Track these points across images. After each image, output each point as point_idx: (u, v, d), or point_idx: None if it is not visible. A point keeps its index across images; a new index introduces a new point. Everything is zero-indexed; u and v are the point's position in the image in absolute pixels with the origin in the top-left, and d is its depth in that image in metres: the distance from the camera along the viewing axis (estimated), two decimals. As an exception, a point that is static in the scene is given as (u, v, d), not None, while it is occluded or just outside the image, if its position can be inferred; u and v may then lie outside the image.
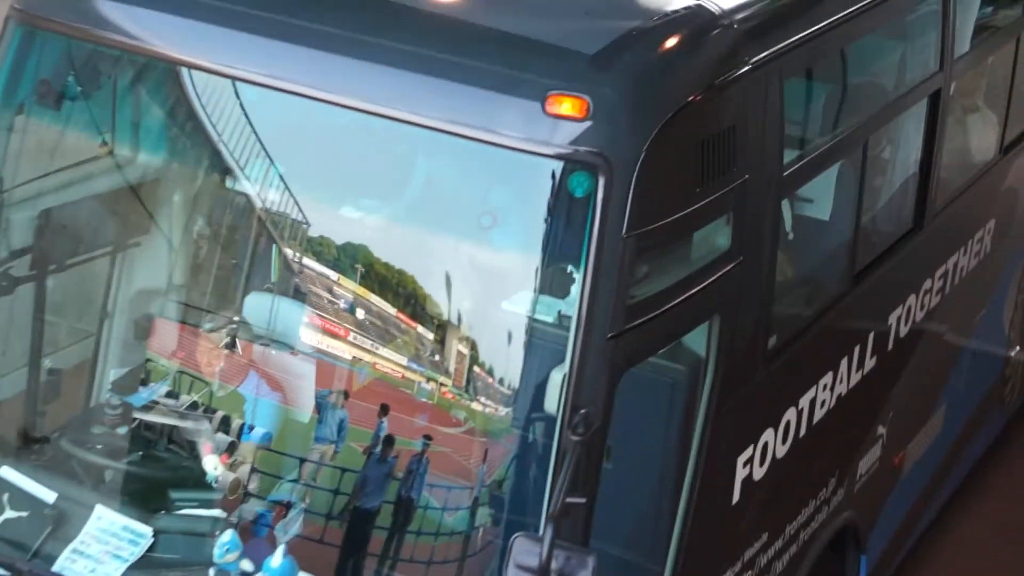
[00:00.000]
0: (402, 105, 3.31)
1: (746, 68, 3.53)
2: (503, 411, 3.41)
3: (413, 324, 3.60)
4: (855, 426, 4.99)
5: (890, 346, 5.07)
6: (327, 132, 3.70)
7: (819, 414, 4.51)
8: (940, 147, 5.08)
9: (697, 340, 3.69)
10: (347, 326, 3.71)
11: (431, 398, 3.58)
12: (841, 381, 4.64)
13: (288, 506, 3.68)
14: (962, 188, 5.66)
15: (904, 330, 5.18)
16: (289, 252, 3.80)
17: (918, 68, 4.96)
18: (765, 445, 4.11)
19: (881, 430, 5.26)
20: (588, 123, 3.15)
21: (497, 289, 3.41)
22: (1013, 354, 7.03)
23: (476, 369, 3.45)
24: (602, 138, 3.16)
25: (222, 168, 3.94)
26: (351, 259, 3.69)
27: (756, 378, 3.93)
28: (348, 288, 3.71)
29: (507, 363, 3.40)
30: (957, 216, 5.54)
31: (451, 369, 3.52)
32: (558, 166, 3.18)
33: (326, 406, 3.78)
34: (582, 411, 3.14)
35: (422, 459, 3.61)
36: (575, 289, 3.18)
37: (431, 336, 3.59)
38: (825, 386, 4.51)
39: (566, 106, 3.14)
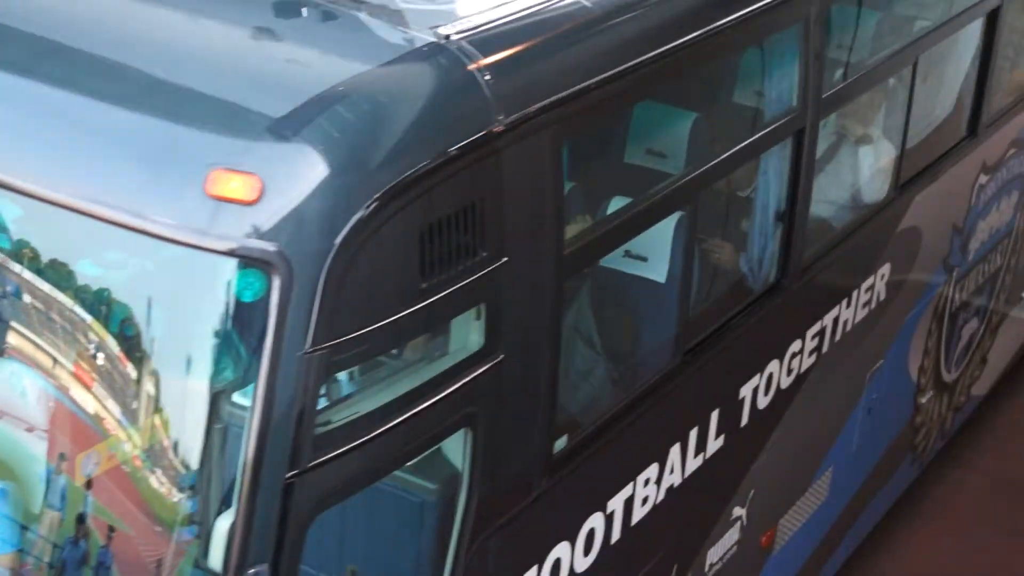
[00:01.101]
0: (34, 179, 2.58)
1: (500, 131, 2.80)
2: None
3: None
4: (698, 515, 4.32)
5: (744, 421, 4.39)
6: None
7: (642, 512, 3.83)
8: (806, 192, 4.38)
9: (455, 449, 3.01)
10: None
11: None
12: (672, 471, 3.95)
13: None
14: (844, 233, 4.96)
15: (764, 400, 4.50)
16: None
17: (776, 106, 4.24)
18: (557, 562, 3.43)
19: (739, 512, 4.60)
20: (260, 208, 2.42)
21: (149, 420, 2.68)
22: (924, 400, 6.36)
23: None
24: (279, 228, 2.43)
25: None
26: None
27: (535, 491, 3.24)
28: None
29: (171, 513, 2.66)
30: (836, 265, 4.84)
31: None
32: (222, 262, 2.45)
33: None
34: (253, 571, 2.46)
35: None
36: (245, 419, 2.48)
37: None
38: (648, 480, 3.83)
39: (233, 186, 2.42)
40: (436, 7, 3.07)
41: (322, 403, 2.56)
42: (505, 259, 2.88)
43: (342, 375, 2.66)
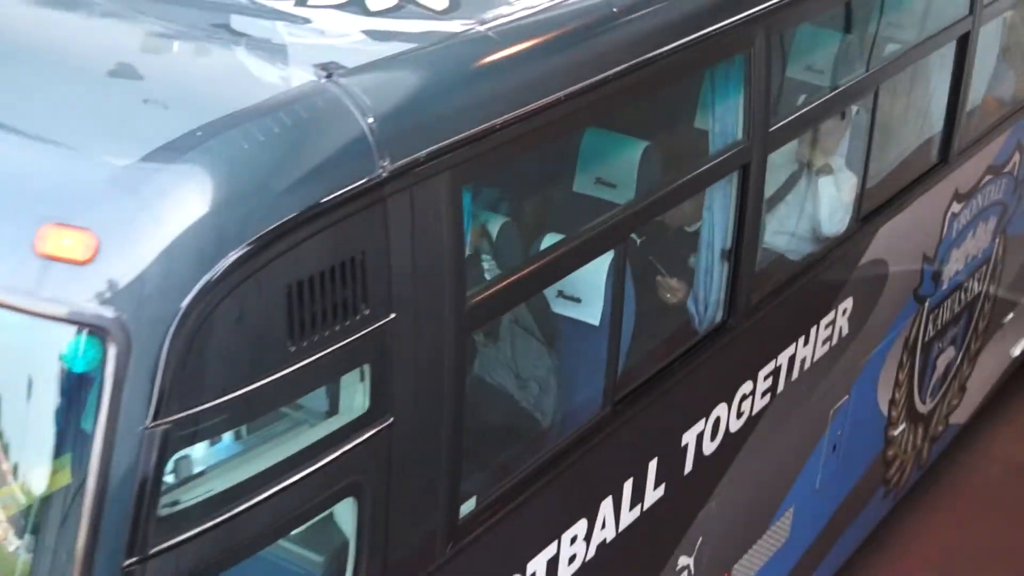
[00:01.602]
0: None
1: (384, 177, 2.55)
2: None
3: None
4: (638, 569, 4.05)
5: (688, 468, 4.12)
6: None
7: (569, 571, 3.57)
8: (753, 228, 4.10)
9: (347, 518, 2.76)
10: None
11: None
12: (604, 526, 3.69)
13: None
14: (800, 268, 4.68)
15: (711, 446, 4.23)
16: None
17: (720, 140, 3.97)
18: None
19: (685, 561, 4.34)
20: (95, 268, 2.17)
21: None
22: (896, 433, 6.09)
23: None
24: (115, 290, 2.17)
25: None
26: None
27: (439, 559, 2.99)
28: None
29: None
30: (791, 302, 4.57)
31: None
32: (53, 328, 2.19)
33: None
34: None
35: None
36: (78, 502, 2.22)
37: None
38: (575, 538, 3.56)
39: (65, 243, 2.16)
40: (325, 41, 2.81)
41: (171, 480, 2.31)
42: (393, 315, 2.63)
43: (197, 448, 2.39)
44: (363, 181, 2.50)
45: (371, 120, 2.54)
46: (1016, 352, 7.48)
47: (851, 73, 4.79)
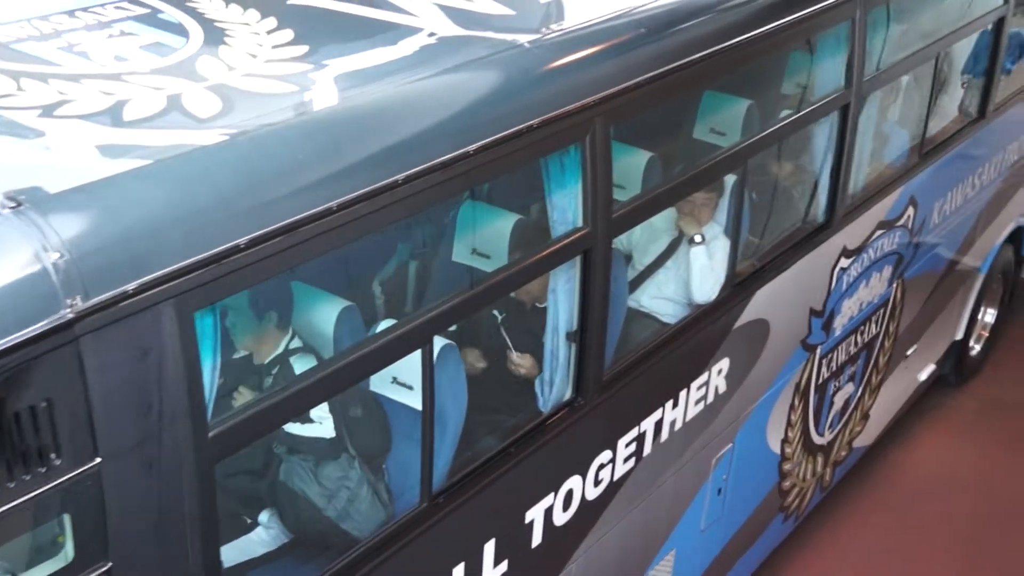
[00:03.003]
0: None
1: (75, 317, 1.90)
2: None
3: None
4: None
5: (537, 541, 3.45)
6: None
7: None
8: (602, 308, 3.42)
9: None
10: None
11: None
12: None
13: None
14: (664, 338, 3.97)
15: (564, 516, 3.55)
16: None
17: (561, 227, 3.26)
18: None
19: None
20: None
21: None
22: (791, 467, 5.35)
23: None
24: None
25: None
26: None
27: None
28: None
29: None
30: (653, 372, 3.86)
31: None
32: None
33: None
34: None
35: None
36: None
37: None
38: None
39: None
40: (43, 160, 2.16)
41: None
42: (99, 460, 1.98)
43: None
44: (44, 323, 1.85)
45: (58, 256, 1.89)
46: (923, 377, 6.71)
47: (702, 156, 4.07)
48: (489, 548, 3.25)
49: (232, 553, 2.99)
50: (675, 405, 4.02)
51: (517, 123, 2.91)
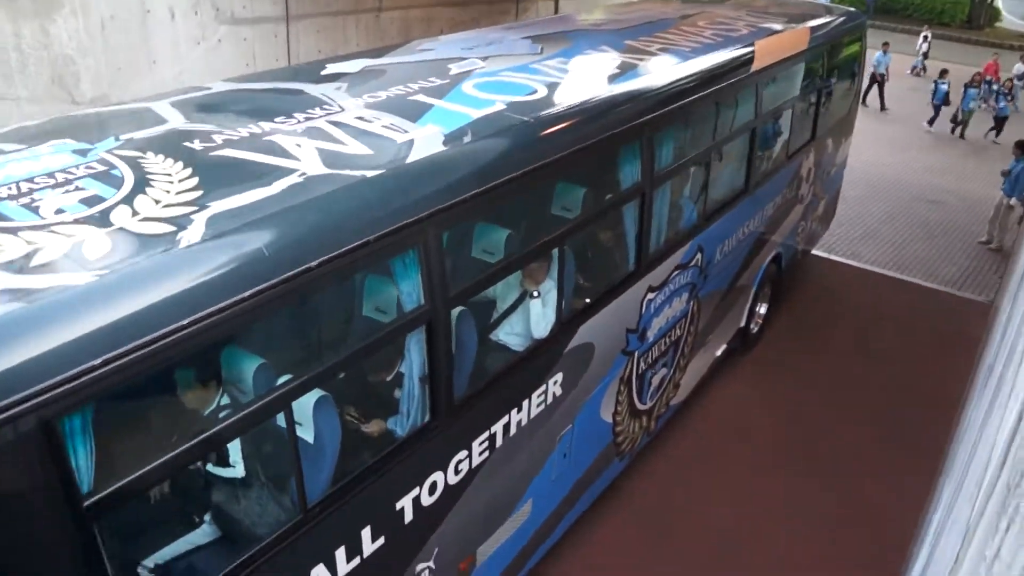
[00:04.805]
0: None
1: None
2: None
3: None
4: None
5: (409, 518, 3.68)
6: None
7: None
8: (447, 362, 3.58)
9: None
10: None
11: None
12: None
13: None
14: (506, 367, 4.17)
15: (430, 499, 3.80)
16: None
17: (408, 304, 3.42)
18: None
19: (423, 566, 3.93)
20: None
21: None
22: (622, 427, 5.73)
23: None
24: None
25: None
26: None
27: None
28: None
29: None
30: (502, 389, 4.11)
31: None
32: None
33: None
34: None
35: None
36: None
37: None
38: None
39: None
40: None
41: None
42: None
43: None
44: None
45: None
46: (718, 353, 7.18)
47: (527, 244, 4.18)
48: (367, 532, 3.38)
49: (188, 541, 3.22)
50: (519, 411, 4.30)
51: (368, 235, 2.94)
